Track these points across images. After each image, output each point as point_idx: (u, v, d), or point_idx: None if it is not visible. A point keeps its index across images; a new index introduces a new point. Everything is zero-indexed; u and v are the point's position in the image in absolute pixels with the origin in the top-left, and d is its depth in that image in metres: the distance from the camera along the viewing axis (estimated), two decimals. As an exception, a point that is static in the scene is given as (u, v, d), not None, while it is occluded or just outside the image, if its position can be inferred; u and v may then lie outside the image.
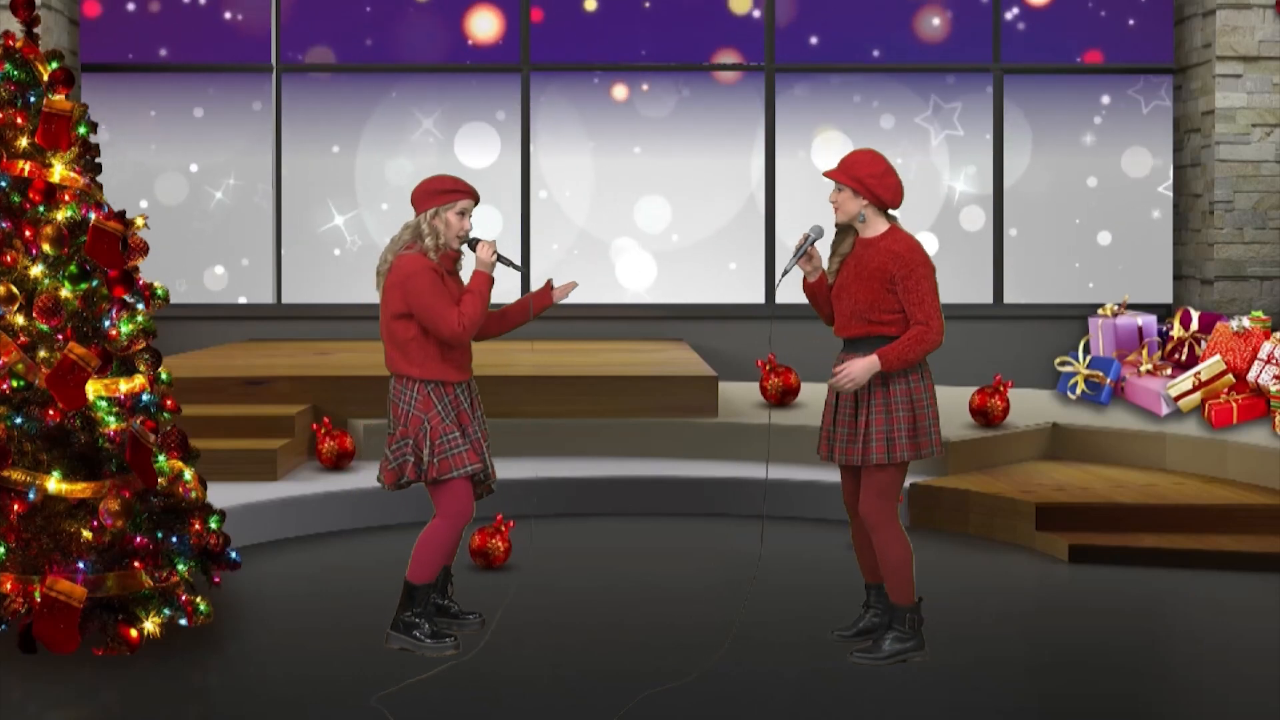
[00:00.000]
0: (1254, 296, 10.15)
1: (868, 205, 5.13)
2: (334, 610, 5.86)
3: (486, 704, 4.73)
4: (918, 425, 5.07)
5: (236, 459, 7.47)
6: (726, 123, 10.93)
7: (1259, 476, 7.59)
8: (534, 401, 8.42)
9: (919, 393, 5.08)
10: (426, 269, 5.17)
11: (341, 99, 10.89)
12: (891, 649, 5.12)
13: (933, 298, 5.05)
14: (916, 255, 5.06)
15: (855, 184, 5.10)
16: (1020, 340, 10.70)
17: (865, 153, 5.20)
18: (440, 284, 5.19)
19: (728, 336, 10.77)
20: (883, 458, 5.06)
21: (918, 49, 10.88)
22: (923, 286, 5.03)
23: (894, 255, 5.05)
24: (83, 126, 5.45)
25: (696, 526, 7.45)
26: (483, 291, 5.24)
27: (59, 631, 5.01)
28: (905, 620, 5.14)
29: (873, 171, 5.11)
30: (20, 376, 5.17)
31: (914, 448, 5.06)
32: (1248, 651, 5.40)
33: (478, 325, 5.23)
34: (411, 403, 5.21)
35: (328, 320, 10.85)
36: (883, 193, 5.10)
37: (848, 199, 5.14)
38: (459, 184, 5.29)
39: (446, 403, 5.23)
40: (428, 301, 5.15)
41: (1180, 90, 10.80)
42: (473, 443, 5.27)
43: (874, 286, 5.08)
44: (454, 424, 5.22)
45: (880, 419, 5.06)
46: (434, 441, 5.18)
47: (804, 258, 5.25)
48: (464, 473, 5.19)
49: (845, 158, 5.20)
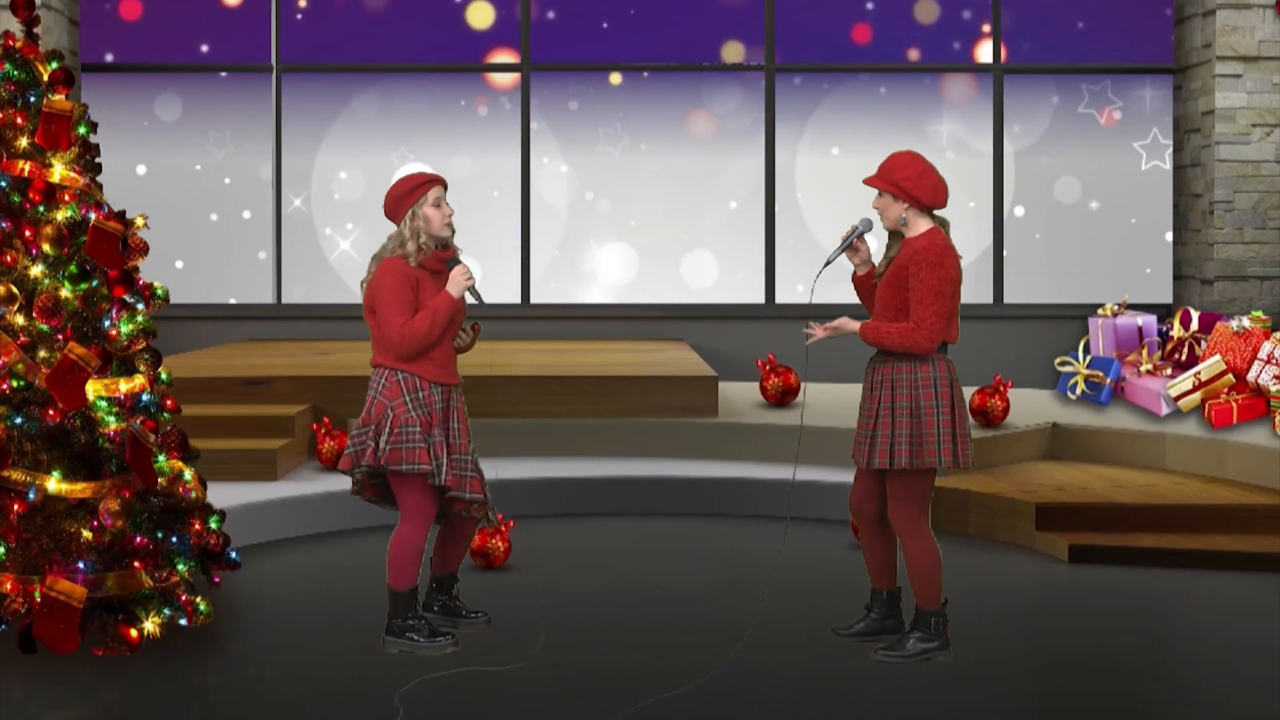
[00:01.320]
0: (1254, 296, 10.15)
1: (908, 208, 5.11)
2: (334, 610, 5.86)
3: (486, 704, 4.73)
4: (923, 435, 5.05)
5: (236, 459, 7.46)
6: (726, 122, 10.93)
7: (1259, 476, 7.59)
8: (534, 401, 8.42)
9: (927, 400, 5.06)
10: (396, 271, 5.17)
11: (341, 98, 10.90)
12: (916, 649, 5.13)
13: (936, 300, 5.00)
14: (932, 255, 5.02)
15: (893, 188, 5.10)
16: (1020, 340, 10.70)
17: (903, 155, 5.19)
18: (403, 290, 5.15)
19: (728, 336, 10.77)
20: (885, 463, 5.08)
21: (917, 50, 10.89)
22: (926, 285, 5.00)
23: (914, 252, 5.06)
24: (83, 126, 5.45)
25: (696, 526, 7.45)
26: (439, 311, 5.16)
27: (59, 631, 5.01)
28: (930, 623, 5.15)
29: (909, 174, 5.09)
30: (20, 376, 5.17)
31: (915, 456, 5.06)
32: (1248, 651, 5.39)
33: (420, 341, 5.13)
34: (379, 389, 5.19)
35: (328, 320, 10.85)
36: (920, 193, 5.08)
37: (889, 204, 5.14)
38: (421, 176, 5.27)
39: (418, 397, 5.17)
40: (384, 300, 5.14)
41: (1180, 90, 10.80)
42: (433, 446, 5.16)
43: (898, 285, 5.09)
44: (419, 419, 5.16)
45: (886, 424, 5.08)
46: (392, 429, 5.12)
47: (851, 250, 5.28)
48: (411, 469, 5.11)
49: (884, 162, 5.18)
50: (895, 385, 5.08)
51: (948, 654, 5.16)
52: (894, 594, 5.38)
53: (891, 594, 5.38)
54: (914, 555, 5.13)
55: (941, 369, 5.09)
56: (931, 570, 5.13)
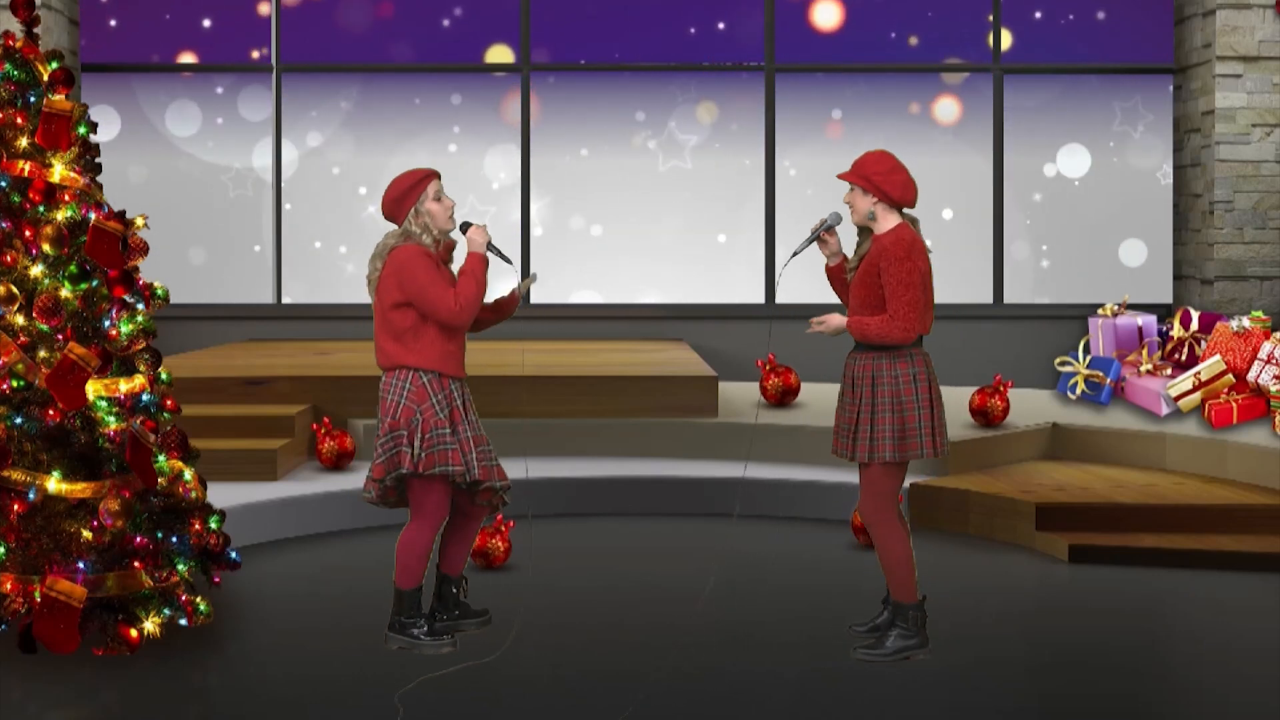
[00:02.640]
0: (1254, 296, 10.15)
1: (877, 203, 5.19)
2: (334, 610, 5.86)
3: (486, 704, 4.73)
4: (905, 428, 5.12)
5: (236, 459, 7.46)
6: (726, 122, 10.93)
7: (1259, 476, 7.59)
8: (534, 401, 8.42)
9: (908, 394, 5.13)
10: (420, 254, 5.16)
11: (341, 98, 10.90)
12: (894, 646, 5.15)
13: (906, 291, 5.07)
14: (900, 248, 5.10)
15: (863, 181, 5.19)
16: (1020, 340, 10.70)
17: (874, 152, 5.32)
18: (435, 267, 5.18)
19: (728, 336, 10.77)
20: (865, 456, 5.14)
21: (919, 47, 10.89)
22: (898, 278, 5.07)
23: (883, 248, 5.13)
24: (83, 126, 5.45)
25: (696, 526, 7.45)
26: (477, 272, 5.20)
27: (59, 631, 5.01)
28: (908, 618, 5.17)
29: (879, 169, 5.19)
30: (20, 376, 5.17)
31: (899, 449, 5.12)
32: (1248, 651, 5.40)
33: (475, 305, 5.18)
34: (404, 394, 5.18)
35: (328, 320, 10.85)
36: (890, 189, 5.15)
37: (858, 197, 5.22)
38: (418, 172, 5.27)
39: (441, 397, 5.19)
40: (423, 283, 5.12)
41: (1180, 90, 10.80)
42: (462, 443, 5.22)
43: (868, 281, 5.16)
44: (446, 419, 5.19)
45: (867, 418, 5.15)
46: (424, 434, 5.14)
47: (821, 243, 5.38)
48: (445, 470, 5.14)
49: (857, 159, 5.29)
50: (876, 380, 5.15)
51: (927, 652, 5.16)
52: None
53: None
54: (886, 545, 5.18)
55: (919, 363, 5.17)
56: (901, 560, 5.17)
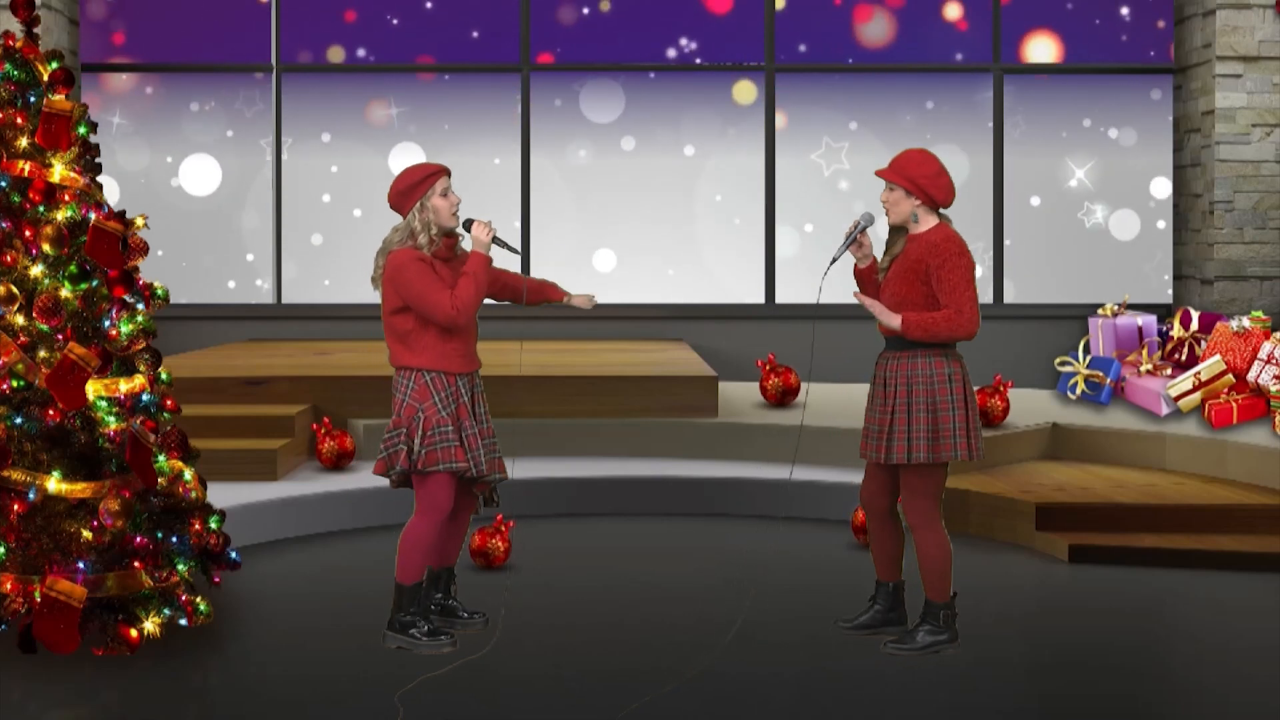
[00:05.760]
0: (1254, 296, 10.15)
1: (920, 205, 5.15)
2: (334, 610, 5.86)
3: (486, 704, 4.73)
4: (939, 429, 5.10)
5: (236, 459, 7.46)
6: (726, 122, 10.93)
7: (1259, 476, 7.59)
8: (534, 401, 8.42)
9: (943, 395, 5.11)
10: (413, 259, 5.17)
11: (340, 97, 10.90)
12: (925, 641, 5.18)
13: (965, 287, 5.07)
14: (952, 245, 5.08)
15: (909, 184, 5.13)
16: (1020, 340, 10.70)
17: (917, 152, 5.23)
18: (429, 271, 5.18)
19: (728, 336, 10.77)
20: (903, 458, 5.12)
21: (919, 48, 10.90)
22: (955, 275, 5.05)
23: (931, 246, 5.09)
24: (83, 126, 5.45)
25: (696, 526, 7.45)
26: (478, 273, 5.21)
27: (59, 631, 5.01)
28: (939, 616, 5.20)
29: (925, 172, 5.13)
30: (20, 376, 5.17)
31: (933, 450, 5.11)
32: (1248, 651, 5.39)
33: (473, 307, 5.18)
34: (408, 392, 5.22)
35: (328, 320, 10.85)
36: (935, 192, 5.13)
37: (900, 199, 5.17)
38: (427, 167, 5.29)
39: (445, 394, 5.21)
40: (419, 289, 5.14)
41: (1180, 90, 10.80)
42: (466, 440, 5.25)
43: (912, 280, 5.12)
44: (450, 417, 5.20)
45: (903, 419, 5.12)
46: (425, 431, 5.17)
47: (854, 244, 5.30)
48: (448, 468, 5.17)
49: (897, 158, 5.22)
50: (912, 380, 5.11)
51: (957, 646, 5.20)
52: (899, 586, 5.43)
53: (896, 586, 5.43)
54: (927, 549, 5.18)
55: (955, 365, 5.15)
56: (943, 563, 5.19)
